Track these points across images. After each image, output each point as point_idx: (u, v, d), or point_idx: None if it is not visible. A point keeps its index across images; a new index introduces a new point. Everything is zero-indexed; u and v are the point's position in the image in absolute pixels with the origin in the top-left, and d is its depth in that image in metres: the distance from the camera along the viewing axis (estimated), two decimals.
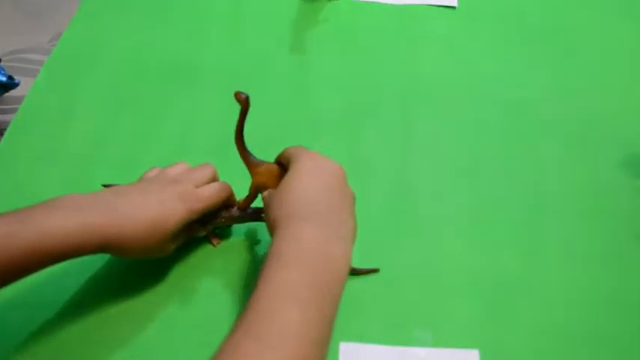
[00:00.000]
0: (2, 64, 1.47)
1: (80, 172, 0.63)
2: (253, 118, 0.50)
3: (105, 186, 0.59)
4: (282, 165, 0.53)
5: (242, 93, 0.50)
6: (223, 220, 0.55)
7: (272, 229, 0.46)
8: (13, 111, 1.47)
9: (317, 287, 0.41)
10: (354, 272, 0.54)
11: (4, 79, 1.42)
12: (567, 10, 0.84)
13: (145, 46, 0.77)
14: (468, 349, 0.50)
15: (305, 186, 0.48)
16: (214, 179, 0.55)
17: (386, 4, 0.84)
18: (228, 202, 0.55)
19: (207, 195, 0.52)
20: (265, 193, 0.53)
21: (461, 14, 0.83)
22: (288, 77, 0.74)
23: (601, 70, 0.76)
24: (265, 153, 0.54)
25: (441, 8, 0.84)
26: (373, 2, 0.85)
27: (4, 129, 0.66)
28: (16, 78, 1.47)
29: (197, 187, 0.52)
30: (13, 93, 1.50)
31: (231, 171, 0.56)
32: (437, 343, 0.50)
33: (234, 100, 0.51)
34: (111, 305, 0.52)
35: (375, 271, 0.55)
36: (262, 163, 0.54)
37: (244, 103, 0.50)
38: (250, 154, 0.53)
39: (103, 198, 0.49)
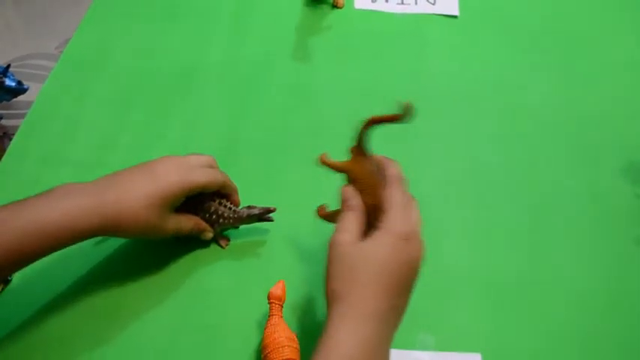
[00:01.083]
0: (12, 69, 1.48)
1: (86, 176, 0.63)
2: (256, 123, 0.50)
3: None
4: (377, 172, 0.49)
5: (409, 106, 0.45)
6: (231, 221, 0.56)
7: (331, 299, 0.43)
8: (22, 116, 1.49)
9: None
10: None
11: (13, 84, 1.43)
12: (566, 17, 0.85)
13: (151, 53, 0.78)
14: (470, 352, 0.51)
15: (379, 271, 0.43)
16: (212, 165, 0.56)
17: (388, 12, 0.85)
18: (224, 191, 0.56)
19: (201, 169, 0.53)
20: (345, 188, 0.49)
21: (463, 23, 0.84)
22: (291, 83, 0.75)
23: (601, 76, 0.77)
24: (267, 158, 0.55)
25: (443, 17, 0.85)
26: (376, 10, 0.86)
27: (13, 133, 0.66)
28: (25, 84, 1.49)
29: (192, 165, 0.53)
30: (21, 98, 1.52)
31: (235, 174, 0.57)
32: (439, 346, 0.51)
33: (238, 106, 0.51)
34: (118, 306, 0.53)
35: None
36: (368, 157, 0.49)
37: (405, 114, 0.45)
38: (367, 143, 0.49)
39: (96, 182, 0.50)
